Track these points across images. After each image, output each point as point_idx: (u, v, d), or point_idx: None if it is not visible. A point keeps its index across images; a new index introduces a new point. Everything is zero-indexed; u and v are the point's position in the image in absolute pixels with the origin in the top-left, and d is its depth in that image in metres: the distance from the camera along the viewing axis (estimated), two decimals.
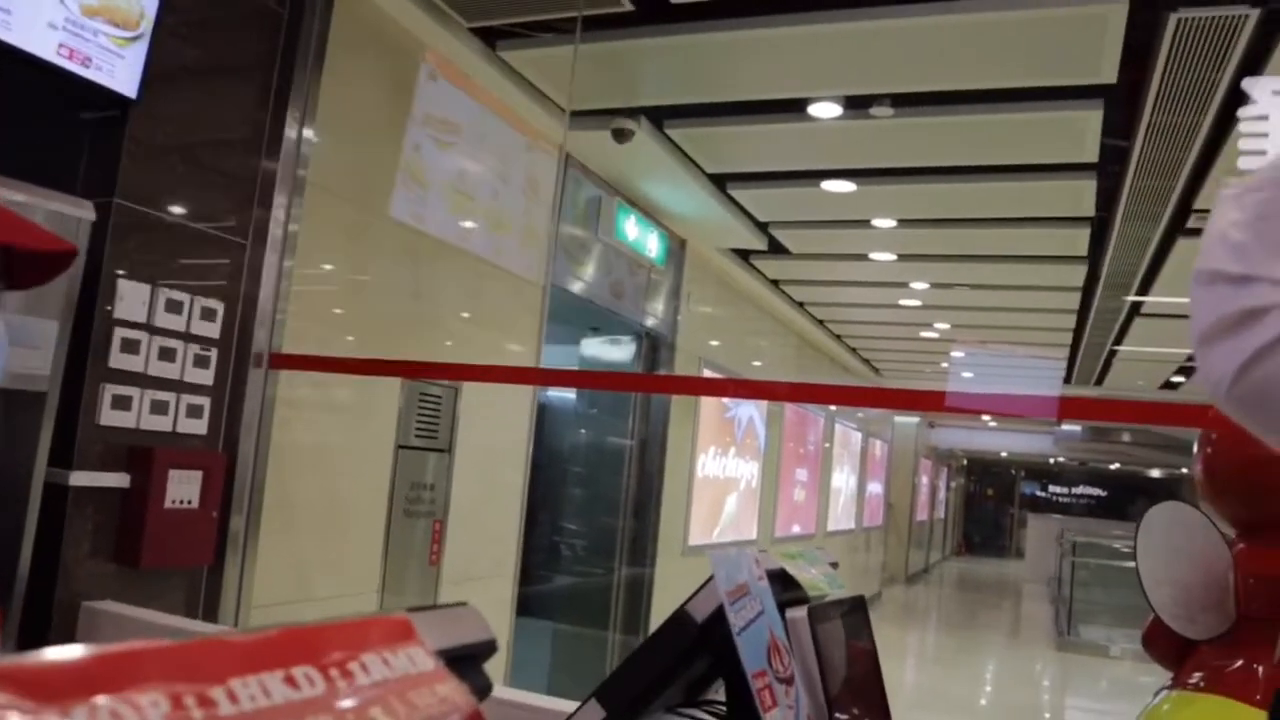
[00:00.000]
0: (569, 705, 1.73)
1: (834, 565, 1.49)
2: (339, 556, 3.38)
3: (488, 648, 0.64)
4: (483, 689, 0.62)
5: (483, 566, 4.17)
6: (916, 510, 18.79)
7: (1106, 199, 5.01)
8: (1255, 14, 3.02)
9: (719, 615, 1.13)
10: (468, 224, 4.05)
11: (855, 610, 1.40)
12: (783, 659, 1.08)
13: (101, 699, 0.38)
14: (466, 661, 0.62)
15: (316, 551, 3.27)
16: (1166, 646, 2.42)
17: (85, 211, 2.26)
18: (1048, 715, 8.99)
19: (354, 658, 0.52)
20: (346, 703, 0.49)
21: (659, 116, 4.59)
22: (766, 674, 1.03)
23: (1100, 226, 5.51)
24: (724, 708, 1.27)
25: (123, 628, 2.42)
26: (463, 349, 4.05)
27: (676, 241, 6.32)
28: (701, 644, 1.20)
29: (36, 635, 2.34)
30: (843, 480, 12.42)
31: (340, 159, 3.30)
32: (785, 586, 1.27)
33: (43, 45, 2.25)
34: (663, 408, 6.27)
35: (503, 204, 4.27)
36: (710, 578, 1.09)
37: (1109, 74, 3.58)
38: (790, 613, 1.20)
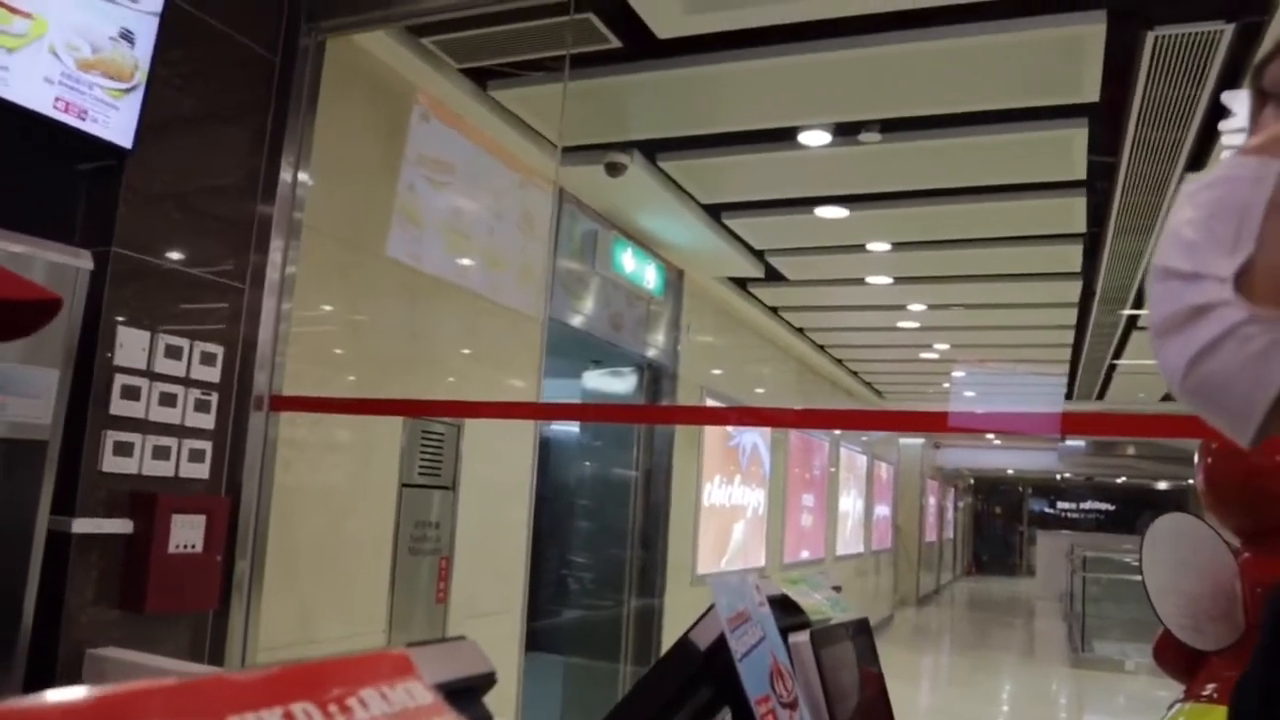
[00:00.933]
0: None
1: (837, 589, 1.49)
2: (345, 597, 3.38)
3: (487, 680, 0.65)
4: None
5: (490, 603, 4.16)
6: (925, 531, 18.71)
7: (1097, 215, 5.04)
8: (1231, 28, 3.06)
9: (722, 642, 1.14)
10: (464, 261, 4.08)
11: (859, 633, 1.40)
12: (786, 683, 1.08)
13: None
14: (466, 694, 0.62)
15: (322, 593, 3.27)
16: (1177, 658, 2.41)
17: (83, 261, 2.29)
18: None
19: (353, 693, 0.52)
20: None
21: (651, 150, 4.63)
22: (770, 699, 1.03)
23: (1092, 242, 5.54)
24: None
25: (128, 674, 2.40)
26: (463, 386, 4.07)
27: (674, 272, 6.35)
28: (705, 672, 1.20)
29: (41, 684, 2.34)
30: (850, 504, 12.39)
31: (335, 201, 3.33)
32: (787, 612, 1.27)
33: (39, 100, 2.28)
34: (667, 438, 6.27)
35: (499, 241, 4.30)
36: (711, 605, 1.10)
37: (1091, 92, 3.62)
38: (793, 637, 1.21)
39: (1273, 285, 0.55)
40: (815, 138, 4.28)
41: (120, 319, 2.52)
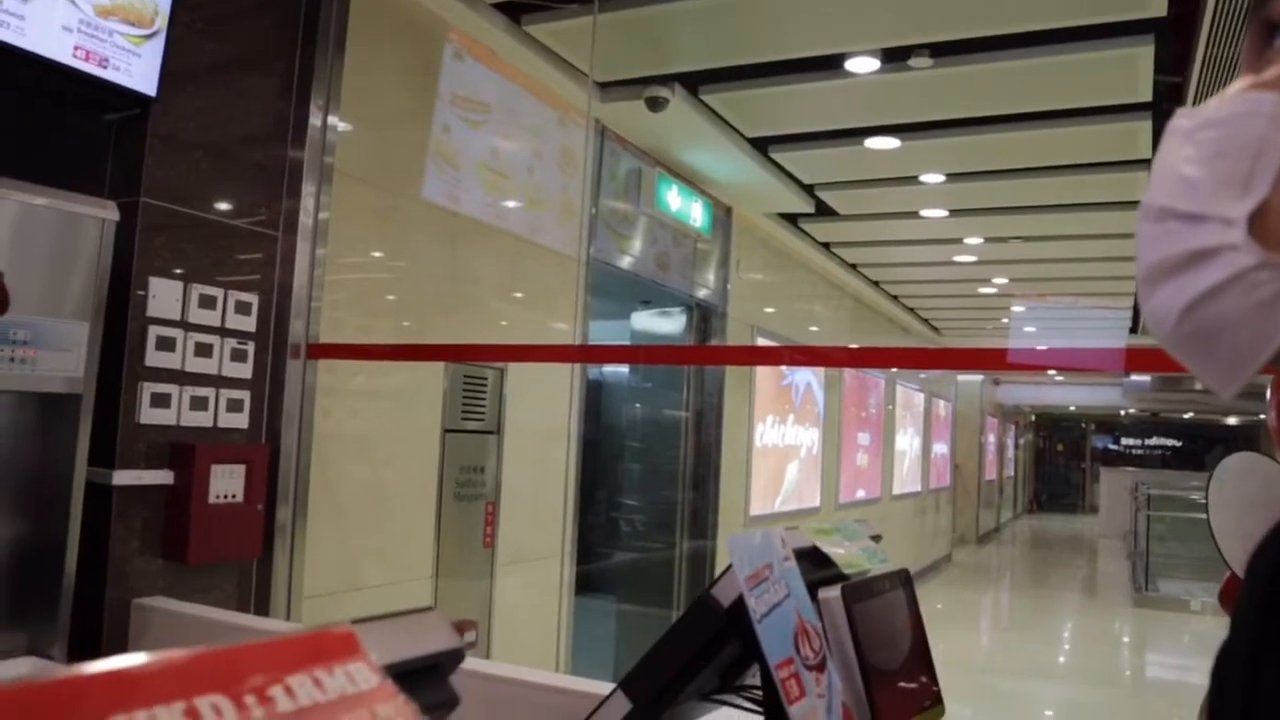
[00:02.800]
0: (596, 686, 1.70)
1: (876, 538, 1.41)
2: (390, 544, 3.38)
3: (453, 657, 0.58)
4: (444, 704, 0.57)
5: (538, 547, 4.15)
6: (984, 469, 18.48)
7: None
8: None
9: (744, 600, 1.07)
10: (504, 202, 4.00)
11: (898, 585, 1.33)
12: (812, 644, 1.01)
13: None
14: (427, 674, 0.56)
15: (366, 540, 3.27)
16: None
17: (109, 212, 2.25)
18: (1129, 673, 8.80)
19: (277, 680, 0.46)
20: None
21: (693, 82, 4.50)
22: (794, 661, 0.97)
23: None
24: (760, 692, 1.21)
25: (174, 624, 2.43)
26: (505, 329, 4.02)
27: (722, 209, 6.22)
28: (730, 628, 1.14)
29: (89, 635, 2.36)
30: (907, 443, 12.24)
31: (367, 144, 3.27)
32: (818, 565, 1.20)
33: (58, 48, 2.24)
34: (717, 378, 6.19)
35: (538, 180, 4.21)
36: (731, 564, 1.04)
37: (1158, 6, 3.41)
38: (823, 592, 1.14)
39: None
40: (863, 65, 4.11)
41: (151, 270, 2.50)
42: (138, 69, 2.41)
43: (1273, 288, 0.51)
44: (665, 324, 6.23)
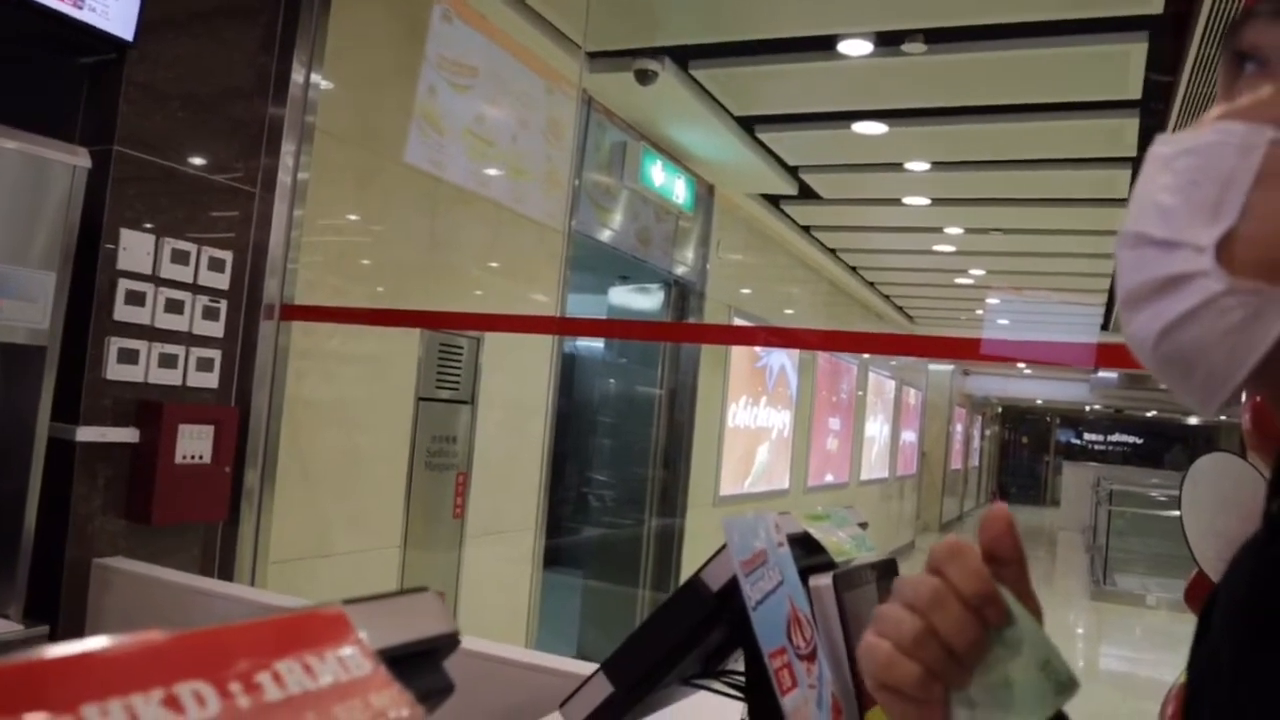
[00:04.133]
0: (576, 665, 1.67)
1: (863, 526, 1.39)
2: (359, 511, 3.33)
3: (448, 641, 0.55)
4: (439, 691, 0.53)
5: (509, 520, 4.12)
6: (951, 458, 18.64)
7: (1149, 138, 4.77)
8: None
9: (736, 583, 1.04)
10: (487, 170, 3.93)
11: (887, 574, 1.30)
12: (804, 633, 0.98)
13: None
14: (420, 660, 0.52)
15: (336, 506, 3.22)
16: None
17: (80, 159, 2.18)
18: (1082, 664, 8.91)
19: (264, 666, 0.42)
20: None
21: (684, 57, 4.43)
22: (786, 651, 0.94)
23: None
24: (743, 678, 1.18)
25: (135, 585, 2.38)
26: (484, 298, 3.96)
27: (705, 187, 6.17)
28: (718, 613, 1.11)
29: (47, 595, 2.30)
30: (876, 429, 12.30)
31: (350, 104, 3.19)
32: (809, 551, 1.17)
33: None
34: (693, 357, 6.17)
35: (523, 149, 4.15)
36: (724, 545, 1.00)
37: (1155, 3, 3.39)
38: (814, 580, 1.10)
39: (1254, 258, 0.53)
40: (856, 47, 4.07)
41: (123, 221, 2.43)
42: (115, 12, 2.32)
43: (1241, 313, 0.53)
44: (643, 300, 6.19)
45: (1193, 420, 23.79)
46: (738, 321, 6.90)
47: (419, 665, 0.52)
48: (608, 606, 5.95)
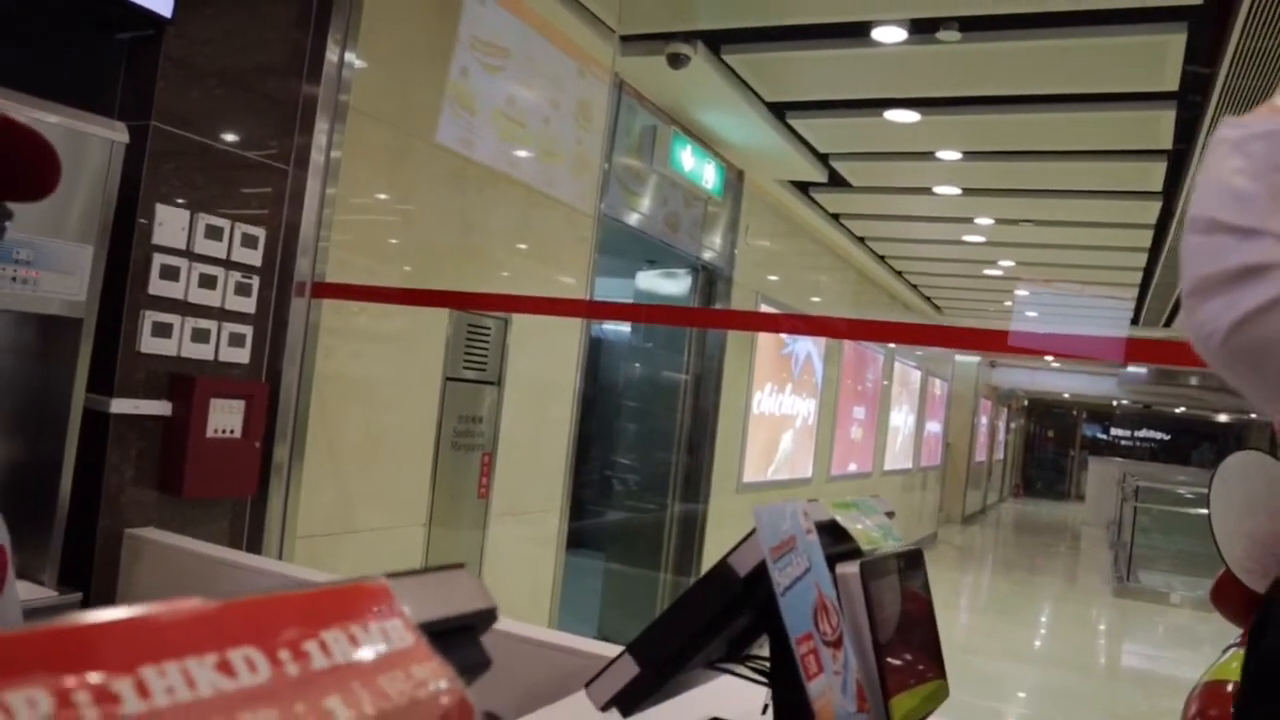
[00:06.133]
0: (600, 647, 1.68)
1: (890, 515, 1.39)
2: (385, 488, 3.36)
3: (486, 617, 0.56)
4: (477, 665, 0.54)
5: (533, 501, 4.14)
6: (975, 451, 18.53)
7: (1185, 130, 4.75)
8: None
9: (762, 570, 1.05)
10: (518, 151, 3.94)
11: (912, 564, 1.31)
12: (830, 620, 0.99)
13: None
14: (459, 634, 0.53)
15: (362, 483, 3.25)
16: (1238, 602, 2.29)
17: (118, 134, 2.20)
18: (1104, 661, 8.87)
19: (312, 635, 0.43)
20: (296, 692, 0.40)
21: (716, 41, 4.42)
22: (813, 637, 0.94)
23: (1177, 160, 5.23)
24: (767, 663, 1.19)
25: (166, 556, 2.41)
26: (512, 280, 3.98)
27: (734, 173, 6.16)
28: (745, 598, 1.11)
29: (80, 562, 2.34)
30: (901, 419, 12.25)
31: (384, 84, 3.20)
32: (836, 538, 1.17)
33: None
34: (719, 342, 6.16)
35: (554, 131, 4.15)
36: (753, 530, 1.01)
37: None
38: (841, 567, 1.11)
39: None
40: (890, 34, 4.04)
41: (159, 196, 2.45)
42: None
43: None
44: (670, 285, 6.19)
45: (1222, 417, 23.55)
46: (764, 308, 6.88)
47: (458, 639, 0.53)
48: (629, 589, 5.97)
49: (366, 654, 0.45)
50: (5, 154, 0.92)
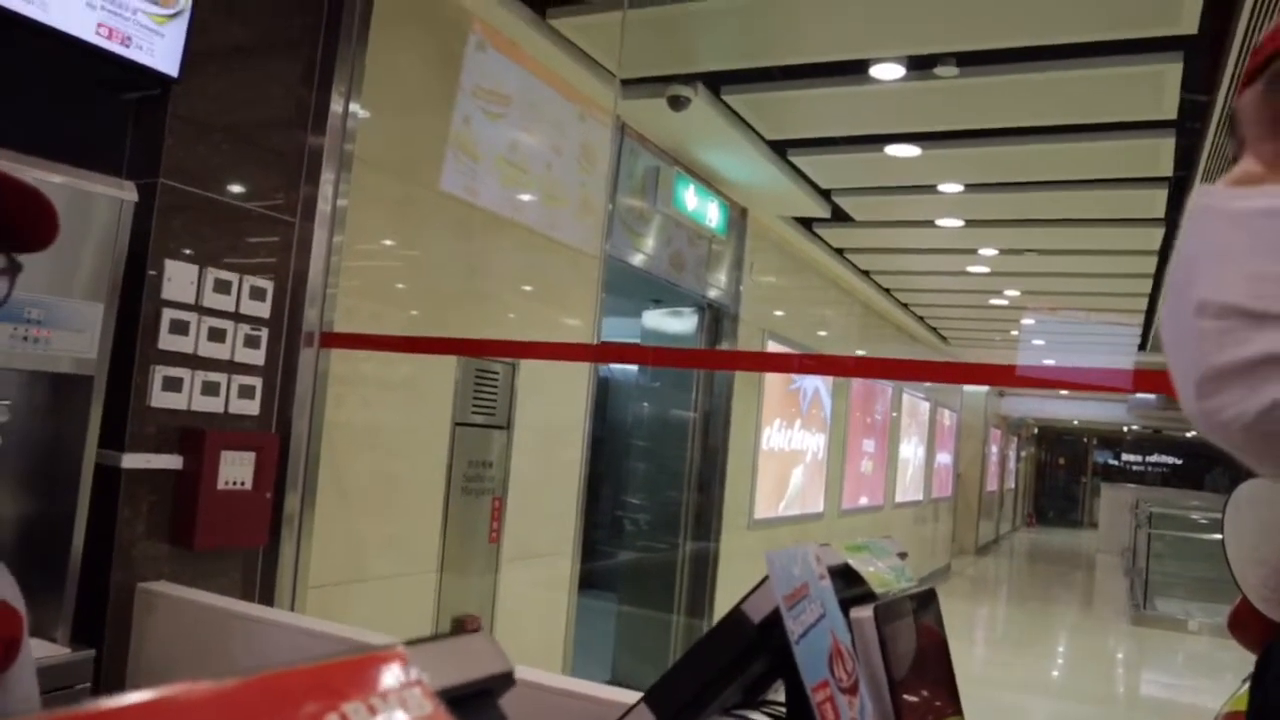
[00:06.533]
0: (616, 694, 1.67)
1: (903, 556, 1.39)
2: (397, 535, 3.36)
3: (504, 680, 0.56)
4: None
5: (544, 543, 4.13)
6: (986, 480, 18.46)
7: (1186, 157, 4.77)
8: None
9: (777, 615, 1.05)
10: (521, 196, 3.97)
11: (925, 605, 1.30)
12: (846, 666, 0.99)
13: None
14: (479, 700, 0.53)
15: (374, 531, 3.25)
16: (1256, 631, 2.27)
17: (127, 193, 2.23)
18: (1122, 691, 8.77)
19: (332, 708, 0.44)
20: None
21: (716, 83, 4.47)
22: (829, 684, 0.94)
23: (1179, 187, 5.26)
24: (784, 709, 1.19)
25: (179, 609, 2.41)
26: (519, 324, 3.99)
27: (737, 211, 6.19)
28: (759, 645, 1.11)
29: (93, 618, 2.34)
30: (911, 451, 12.21)
31: (388, 133, 3.24)
32: (849, 582, 1.17)
33: (81, 25, 2.21)
34: (726, 380, 6.17)
35: (556, 175, 4.18)
36: (766, 577, 1.01)
37: (1190, 24, 3.38)
38: (855, 612, 1.11)
39: None
40: (888, 71, 4.08)
41: (167, 252, 2.47)
42: (160, 49, 2.38)
43: None
44: (676, 323, 6.21)
45: None
46: (771, 344, 6.89)
47: (477, 705, 0.53)
48: (642, 631, 5.93)
49: None
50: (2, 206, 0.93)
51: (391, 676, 0.48)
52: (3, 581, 1.13)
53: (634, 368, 6.50)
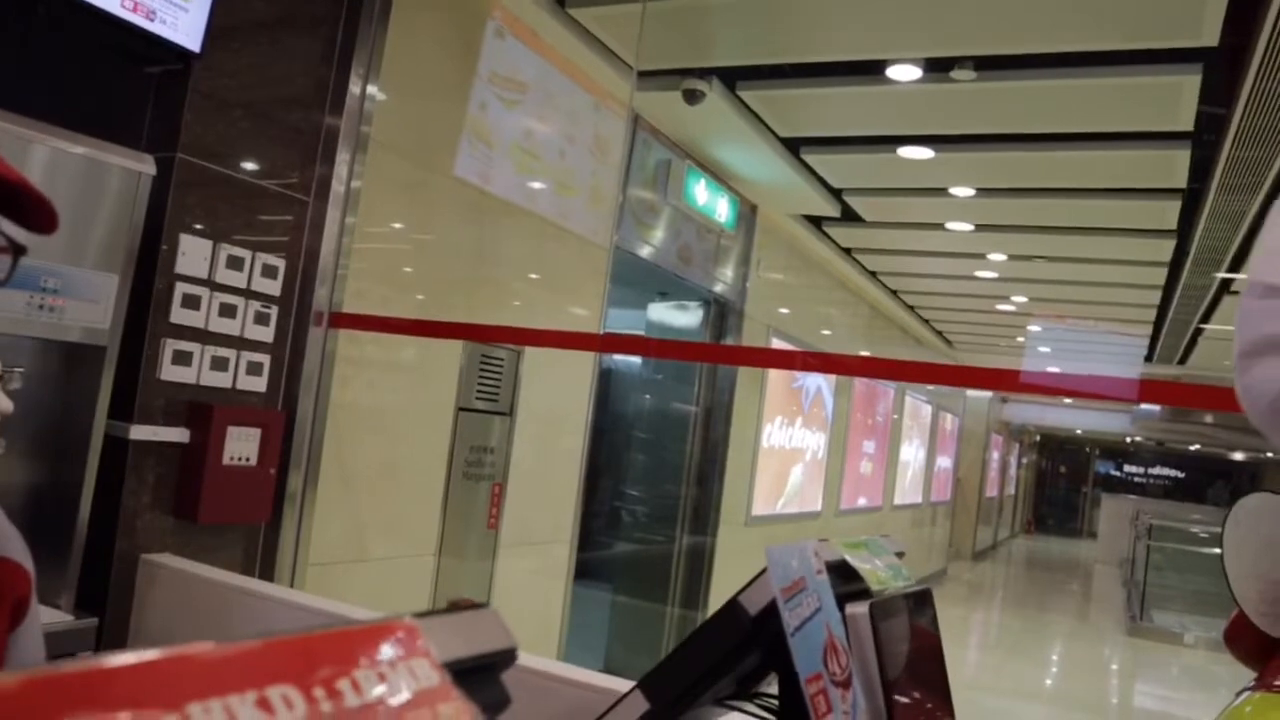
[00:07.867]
0: (610, 681, 1.69)
1: (900, 555, 1.40)
2: (397, 518, 3.38)
3: (507, 656, 0.57)
4: (498, 704, 0.56)
5: (542, 531, 4.15)
6: (986, 486, 18.46)
7: (1200, 170, 4.77)
8: None
9: (772, 609, 1.06)
10: (534, 184, 3.99)
11: (921, 604, 1.32)
12: (840, 660, 1.00)
13: None
14: (482, 674, 0.55)
15: (374, 512, 3.27)
16: (1251, 645, 2.28)
17: (145, 166, 2.24)
18: (1116, 702, 8.79)
19: (345, 673, 0.45)
20: None
21: (731, 78, 4.47)
22: (822, 677, 0.96)
23: (1192, 199, 5.25)
24: (775, 702, 1.20)
25: (180, 581, 2.43)
26: (526, 311, 4.01)
27: (747, 206, 6.20)
28: (755, 637, 1.13)
29: (97, 587, 2.36)
30: (911, 453, 12.23)
31: (404, 116, 3.25)
32: (845, 578, 1.19)
33: None
34: (729, 375, 6.18)
35: (569, 165, 4.20)
36: (764, 570, 1.02)
37: (1210, 36, 3.38)
38: (850, 607, 1.12)
39: None
40: (905, 72, 4.08)
41: (183, 226, 2.49)
42: (184, 24, 2.39)
43: None
44: (682, 317, 6.22)
45: (1238, 455, 23.39)
46: (775, 341, 6.90)
47: (480, 678, 0.55)
48: (636, 622, 5.96)
49: (395, 692, 0.47)
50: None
51: (401, 647, 0.49)
52: (13, 543, 1.14)
53: (637, 359, 6.51)
